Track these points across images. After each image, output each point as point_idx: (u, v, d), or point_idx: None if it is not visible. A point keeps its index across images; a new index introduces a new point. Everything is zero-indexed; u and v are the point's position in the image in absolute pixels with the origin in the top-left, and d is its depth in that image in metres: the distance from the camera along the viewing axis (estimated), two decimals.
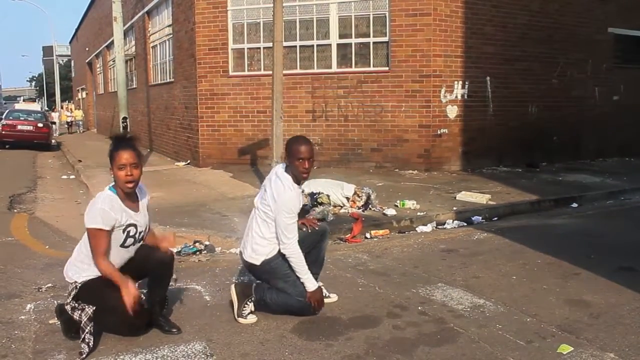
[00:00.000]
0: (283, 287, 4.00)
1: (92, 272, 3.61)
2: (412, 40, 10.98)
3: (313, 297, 3.97)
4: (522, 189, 9.24)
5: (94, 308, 3.53)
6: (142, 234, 3.76)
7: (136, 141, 3.81)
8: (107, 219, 3.52)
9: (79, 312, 3.55)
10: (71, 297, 3.62)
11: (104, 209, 3.53)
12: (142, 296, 3.75)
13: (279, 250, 4.00)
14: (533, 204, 8.40)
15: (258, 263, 4.03)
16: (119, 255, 3.66)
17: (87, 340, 3.47)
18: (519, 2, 11.99)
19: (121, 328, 3.67)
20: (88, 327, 3.49)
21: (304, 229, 4.21)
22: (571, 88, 13.10)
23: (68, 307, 3.62)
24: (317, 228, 4.29)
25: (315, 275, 4.25)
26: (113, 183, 3.68)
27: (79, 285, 3.61)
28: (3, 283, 5.03)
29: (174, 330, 3.80)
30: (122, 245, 3.65)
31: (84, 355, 3.43)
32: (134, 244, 3.73)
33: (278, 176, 4.02)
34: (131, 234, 3.67)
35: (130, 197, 3.71)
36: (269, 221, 3.98)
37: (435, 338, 3.73)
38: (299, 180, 4.04)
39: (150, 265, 3.76)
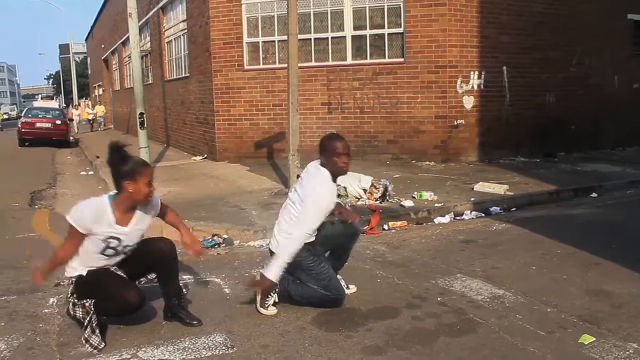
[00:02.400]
0: (306, 279, 4.02)
1: (81, 268, 3.66)
2: (427, 31, 10.91)
3: (260, 285, 3.93)
4: (541, 179, 9.16)
5: (92, 301, 3.59)
6: (127, 247, 3.73)
7: None
8: (82, 222, 3.56)
9: (79, 308, 3.64)
10: (70, 293, 3.71)
11: (84, 214, 3.56)
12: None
13: (306, 244, 4.01)
14: (552, 194, 8.33)
15: None
16: (98, 260, 3.68)
17: (86, 336, 3.53)
18: None
19: (119, 310, 3.69)
20: (87, 322, 3.56)
21: (336, 219, 4.23)
22: (589, 76, 12.93)
23: (70, 305, 3.70)
24: (350, 221, 4.26)
25: (336, 270, 4.27)
26: (113, 192, 3.66)
27: (74, 280, 3.68)
28: (27, 278, 5.07)
29: (195, 322, 3.84)
30: (102, 253, 3.66)
31: (94, 349, 3.50)
32: (115, 255, 3.71)
33: (318, 169, 4.06)
34: (112, 245, 3.65)
35: (129, 210, 3.70)
36: (296, 220, 3.99)
37: (455, 329, 3.73)
38: (335, 178, 4.08)
39: (152, 260, 3.81)
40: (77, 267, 3.67)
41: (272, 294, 4.02)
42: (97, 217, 3.57)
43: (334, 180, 4.09)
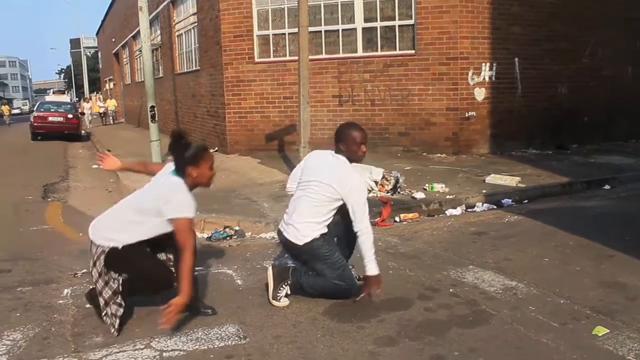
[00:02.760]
0: (322, 269, 4.00)
1: (120, 241, 3.63)
2: (438, 23, 10.85)
3: (374, 282, 3.95)
4: (553, 171, 9.10)
5: (122, 278, 3.63)
6: None
7: None
8: (193, 207, 3.63)
9: (103, 284, 3.63)
10: (98, 262, 3.63)
11: (191, 202, 3.63)
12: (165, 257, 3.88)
13: (323, 233, 4.02)
14: (564, 186, 8.28)
15: (301, 243, 4.01)
16: (144, 238, 3.69)
17: (112, 313, 3.58)
18: None
19: (150, 287, 3.76)
20: (113, 300, 3.61)
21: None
22: (602, 67, 12.80)
23: (94, 273, 3.66)
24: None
25: (346, 258, 4.28)
26: (173, 169, 3.69)
27: (106, 251, 3.62)
28: (41, 269, 5.15)
29: (209, 310, 3.88)
30: (159, 234, 3.68)
31: (115, 331, 3.56)
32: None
33: (339, 159, 4.06)
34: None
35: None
36: (318, 204, 3.98)
37: (467, 320, 3.72)
38: (350, 163, 4.13)
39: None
40: (116, 239, 3.63)
41: (283, 285, 4.03)
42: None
43: None
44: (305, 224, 4.00)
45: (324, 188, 3.96)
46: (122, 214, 3.73)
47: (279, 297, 4.02)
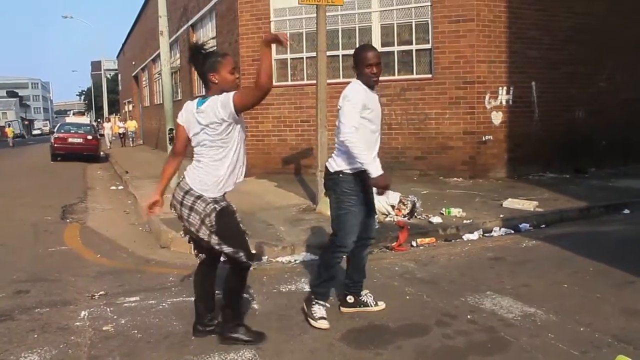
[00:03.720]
0: (334, 216, 4.12)
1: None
2: (455, 47, 10.90)
3: (381, 182, 3.90)
4: (571, 196, 9.02)
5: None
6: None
7: None
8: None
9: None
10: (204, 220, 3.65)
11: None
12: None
13: (353, 174, 4.06)
14: (582, 211, 8.19)
15: (332, 170, 4.12)
16: (240, 154, 3.85)
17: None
18: (564, 5, 11.75)
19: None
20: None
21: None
22: (620, 91, 12.74)
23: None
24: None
25: (358, 283, 4.28)
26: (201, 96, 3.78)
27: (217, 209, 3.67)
28: (58, 290, 5.19)
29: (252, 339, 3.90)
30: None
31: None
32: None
33: (351, 82, 4.18)
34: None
35: None
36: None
37: (486, 347, 3.68)
38: (371, 88, 4.18)
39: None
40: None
41: (313, 303, 4.10)
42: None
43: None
44: (336, 155, 4.21)
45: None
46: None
47: (315, 318, 4.06)
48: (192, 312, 3.97)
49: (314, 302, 4.10)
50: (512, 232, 7.27)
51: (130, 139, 31.40)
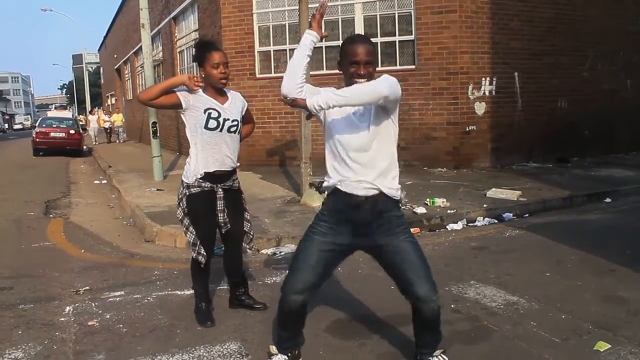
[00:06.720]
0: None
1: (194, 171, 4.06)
2: (438, 38, 10.93)
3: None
4: (554, 185, 9.12)
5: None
6: (228, 122, 3.98)
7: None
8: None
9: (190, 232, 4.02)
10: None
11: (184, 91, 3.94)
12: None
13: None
14: (565, 200, 8.29)
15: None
16: (209, 145, 3.96)
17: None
18: None
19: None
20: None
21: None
22: (602, 81, 12.87)
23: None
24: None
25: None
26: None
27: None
28: (42, 286, 5.15)
29: (260, 306, 4.26)
30: (206, 127, 3.90)
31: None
32: (219, 129, 3.95)
33: None
34: (212, 116, 3.90)
35: (218, 92, 3.99)
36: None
37: (469, 336, 3.72)
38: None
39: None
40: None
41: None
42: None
43: None
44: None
45: None
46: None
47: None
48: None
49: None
50: (496, 221, 7.33)
51: (117, 135, 28.53)
